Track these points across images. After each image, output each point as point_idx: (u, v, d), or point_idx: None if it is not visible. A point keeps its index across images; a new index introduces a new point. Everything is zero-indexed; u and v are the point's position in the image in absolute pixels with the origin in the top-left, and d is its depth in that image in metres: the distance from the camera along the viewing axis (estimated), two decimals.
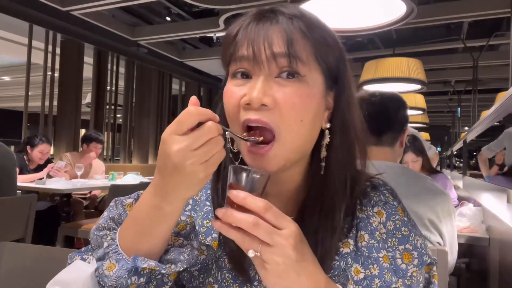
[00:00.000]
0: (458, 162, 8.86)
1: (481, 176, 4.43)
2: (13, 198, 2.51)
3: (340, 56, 0.60)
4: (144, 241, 0.53)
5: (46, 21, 5.05)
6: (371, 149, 1.38)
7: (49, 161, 4.05)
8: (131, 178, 3.98)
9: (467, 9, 4.61)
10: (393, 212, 0.62)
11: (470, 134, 2.85)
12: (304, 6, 1.93)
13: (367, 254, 0.59)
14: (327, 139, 0.59)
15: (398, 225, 0.61)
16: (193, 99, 0.50)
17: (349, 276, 0.58)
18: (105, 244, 0.55)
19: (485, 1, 4.48)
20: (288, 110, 0.54)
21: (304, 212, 0.60)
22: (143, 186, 0.78)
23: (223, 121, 0.58)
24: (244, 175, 0.50)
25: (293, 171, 0.60)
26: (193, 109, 0.48)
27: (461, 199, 2.78)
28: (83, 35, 5.58)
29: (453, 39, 5.93)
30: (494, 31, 5.38)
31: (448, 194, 1.33)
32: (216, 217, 0.49)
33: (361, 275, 0.58)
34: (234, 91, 0.56)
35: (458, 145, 4.18)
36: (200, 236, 0.62)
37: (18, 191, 2.96)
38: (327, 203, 0.59)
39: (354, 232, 0.61)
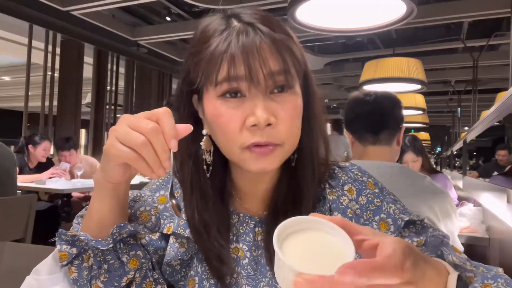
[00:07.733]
0: (458, 162, 8.85)
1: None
2: (13, 198, 2.51)
3: (301, 51, 0.61)
4: (87, 219, 0.60)
5: (46, 21, 5.05)
6: (368, 149, 1.39)
7: (50, 159, 4.05)
8: None
9: (467, 9, 4.61)
10: (363, 187, 0.66)
11: (470, 134, 2.85)
12: (304, 6, 1.93)
13: None
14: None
15: (370, 198, 0.65)
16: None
17: None
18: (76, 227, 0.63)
19: (485, 1, 4.48)
20: (289, 124, 0.57)
21: (276, 206, 0.63)
22: (143, 186, 0.79)
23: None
24: None
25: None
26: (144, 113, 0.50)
27: (461, 199, 2.78)
28: (83, 35, 5.57)
29: (453, 39, 5.93)
30: (494, 31, 5.38)
31: (447, 192, 1.32)
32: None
33: None
34: (232, 114, 0.55)
35: (458, 145, 4.18)
36: (179, 229, 0.64)
37: (18, 191, 2.96)
38: (297, 194, 0.62)
39: (328, 214, 0.63)
